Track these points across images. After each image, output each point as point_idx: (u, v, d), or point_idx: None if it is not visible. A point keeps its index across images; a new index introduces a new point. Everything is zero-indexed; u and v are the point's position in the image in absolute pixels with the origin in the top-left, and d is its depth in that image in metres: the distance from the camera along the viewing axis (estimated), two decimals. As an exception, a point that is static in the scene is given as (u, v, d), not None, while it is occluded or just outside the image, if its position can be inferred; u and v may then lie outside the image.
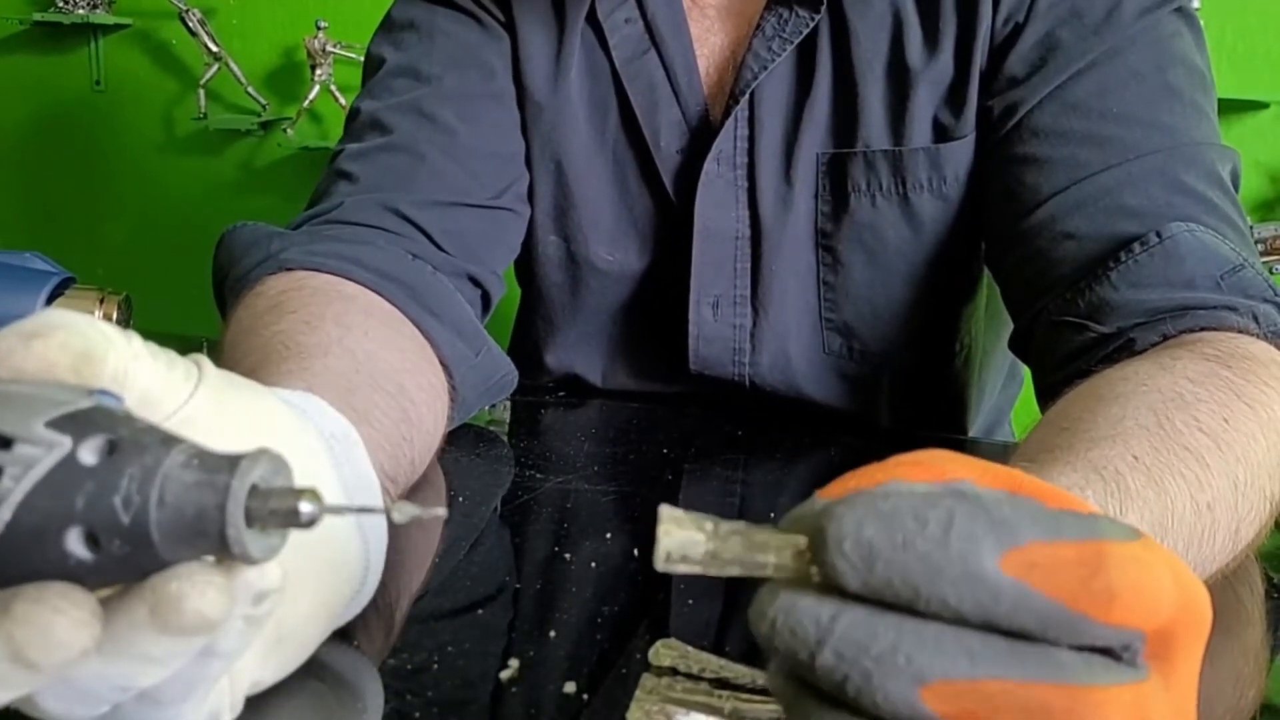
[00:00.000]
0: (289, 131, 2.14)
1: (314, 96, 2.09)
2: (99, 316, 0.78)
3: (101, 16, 2.20)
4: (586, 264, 0.82)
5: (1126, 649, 0.27)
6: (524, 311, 0.91)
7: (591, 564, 0.51)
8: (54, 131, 2.38)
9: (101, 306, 0.82)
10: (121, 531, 0.28)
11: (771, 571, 0.28)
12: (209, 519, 0.28)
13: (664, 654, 0.41)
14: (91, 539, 0.28)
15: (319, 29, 2.04)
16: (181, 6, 2.10)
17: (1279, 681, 0.45)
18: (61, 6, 2.19)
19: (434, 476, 0.62)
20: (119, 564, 0.28)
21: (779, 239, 0.77)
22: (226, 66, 2.14)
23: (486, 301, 0.77)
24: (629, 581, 0.50)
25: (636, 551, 0.53)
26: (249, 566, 0.30)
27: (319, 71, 2.06)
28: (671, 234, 0.80)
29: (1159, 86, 0.66)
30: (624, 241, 0.81)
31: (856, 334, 0.79)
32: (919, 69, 0.72)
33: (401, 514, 0.30)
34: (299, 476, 0.31)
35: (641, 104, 0.78)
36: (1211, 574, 0.46)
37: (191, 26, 2.11)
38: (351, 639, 0.43)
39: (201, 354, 0.36)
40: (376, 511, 0.32)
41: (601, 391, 0.86)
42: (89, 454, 0.28)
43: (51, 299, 0.81)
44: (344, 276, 0.62)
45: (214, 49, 2.13)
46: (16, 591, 0.28)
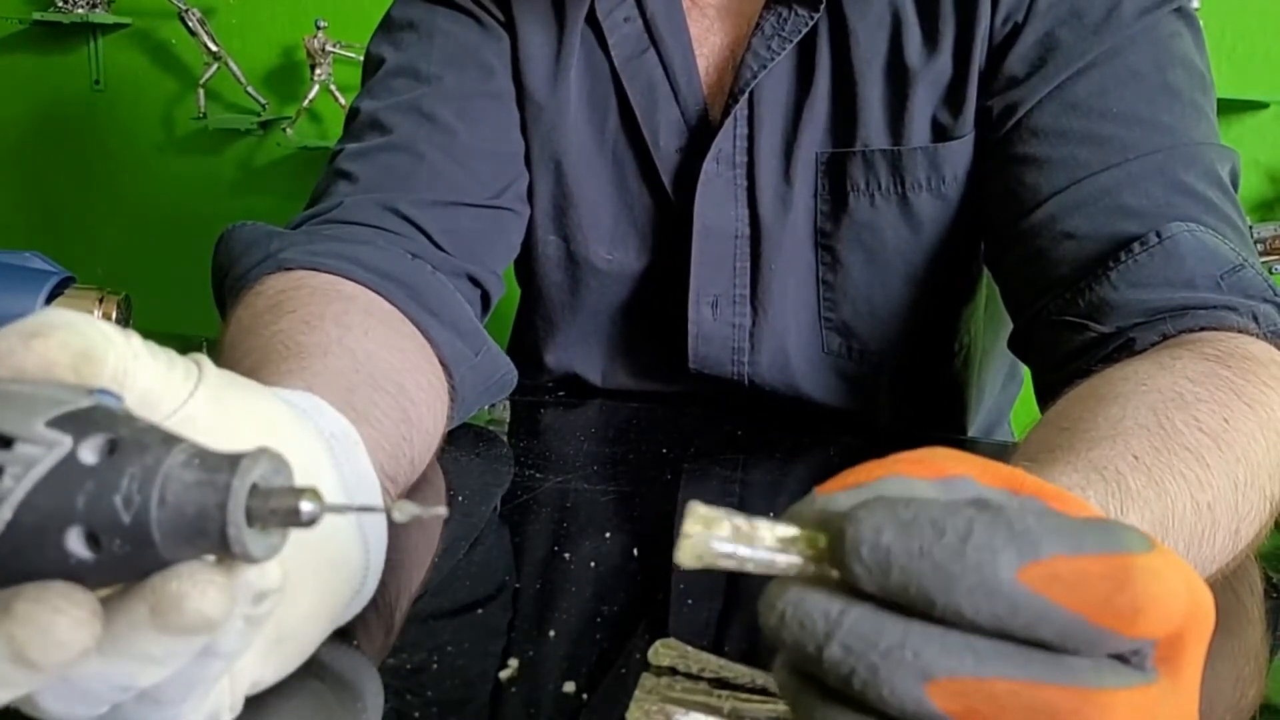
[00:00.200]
0: (288, 131, 2.14)
1: (313, 96, 2.08)
2: (98, 316, 0.78)
3: (101, 16, 2.20)
4: (586, 263, 0.82)
5: (1136, 653, 0.27)
6: (523, 311, 0.91)
7: (591, 564, 0.51)
8: (53, 131, 2.37)
9: (101, 306, 0.82)
10: (122, 531, 0.28)
11: (795, 572, 0.28)
12: (210, 518, 0.28)
13: (663, 654, 0.41)
14: (92, 538, 0.28)
15: (318, 29, 2.04)
16: (181, 6, 2.09)
17: (1279, 681, 0.45)
18: (61, 6, 2.19)
19: (434, 476, 0.62)
20: (120, 563, 0.28)
21: (778, 238, 0.77)
22: (226, 66, 2.14)
23: (486, 301, 0.77)
24: (628, 581, 0.50)
25: (636, 551, 0.53)
26: (249, 566, 0.30)
27: (318, 71, 2.06)
28: (671, 233, 0.80)
29: (1158, 86, 0.66)
30: (623, 241, 0.81)
31: (856, 333, 0.79)
32: (918, 68, 0.72)
33: (401, 513, 0.30)
34: (299, 476, 0.31)
35: (641, 103, 0.78)
36: (1211, 574, 0.46)
37: (191, 26, 2.11)
38: (351, 639, 0.43)
39: (201, 353, 0.36)
40: (377, 511, 0.32)
41: (601, 391, 0.86)
42: (89, 453, 0.28)
43: (51, 298, 0.81)
44: (343, 276, 0.62)
45: (213, 48, 2.13)
46: (17, 591, 0.28)
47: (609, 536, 0.54)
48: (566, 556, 0.52)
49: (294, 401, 0.42)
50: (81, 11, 2.18)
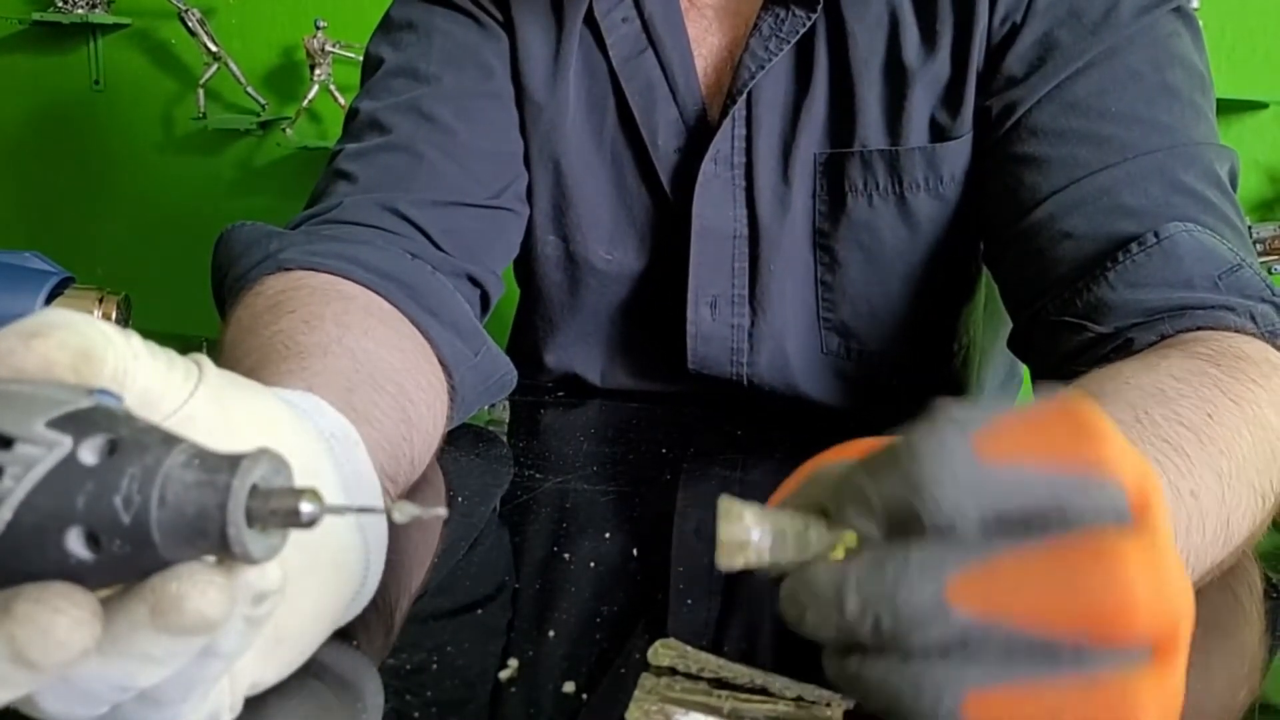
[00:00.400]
0: (288, 131, 2.14)
1: (313, 96, 2.09)
2: (98, 316, 0.78)
3: (101, 16, 2.20)
4: (585, 263, 0.82)
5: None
6: (523, 311, 0.91)
7: (590, 564, 0.51)
8: (53, 131, 2.38)
9: (100, 306, 0.82)
10: (122, 531, 0.28)
11: (821, 548, 0.31)
12: (210, 519, 0.28)
13: (663, 654, 0.41)
14: (92, 539, 0.28)
15: (318, 29, 2.04)
16: (181, 6, 2.09)
17: (1277, 681, 0.45)
18: (61, 6, 2.19)
19: (434, 476, 0.62)
20: (119, 564, 0.28)
21: (777, 238, 0.77)
22: (226, 66, 2.14)
23: (486, 301, 0.77)
24: (628, 581, 0.50)
25: (635, 551, 0.53)
26: (249, 566, 0.30)
27: (318, 71, 2.06)
28: (669, 233, 0.80)
29: (1157, 86, 0.66)
30: (622, 241, 0.81)
31: (854, 334, 0.79)
32: (916, 69, 0.72)
33: (402, 514, 0.30)
34: (299, 476, 0.31)
35: (639, 103, 0.78)
36: (1208, 568, 0.46)
37: (191, 26, 2.11)
38: (351, 639, 0.43)
39: (201, 353, 0.36)
40: (377, 511, 0.32)
41: (600, 391, 0.86)
42: (89, 454, 0.28)
43: (50, 299, 0.81)
44: (343, 276, 0.62)
45: (213, 49, 2.13)
46: (17, 591, 0.28)
47: (608, 536, 0.54)
48: (566, 556, 0.52)
49: (294, 401, 0.42)
50: (81, 12, 2.18)
